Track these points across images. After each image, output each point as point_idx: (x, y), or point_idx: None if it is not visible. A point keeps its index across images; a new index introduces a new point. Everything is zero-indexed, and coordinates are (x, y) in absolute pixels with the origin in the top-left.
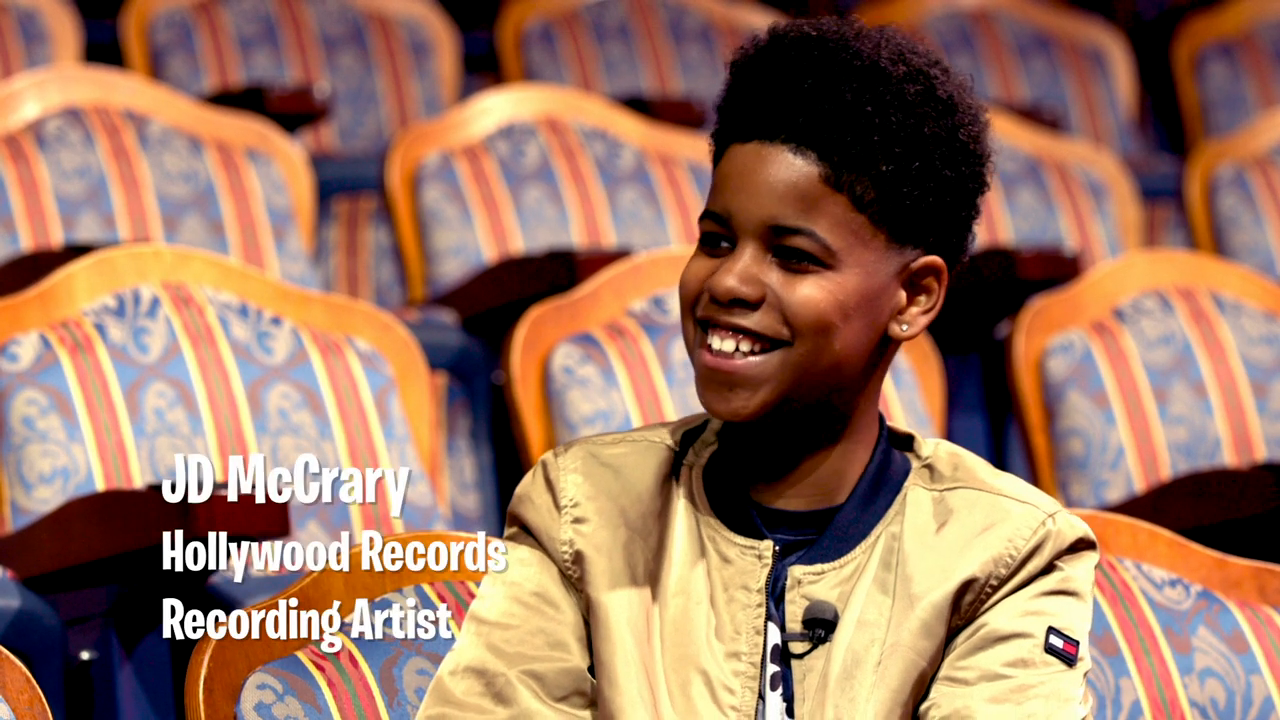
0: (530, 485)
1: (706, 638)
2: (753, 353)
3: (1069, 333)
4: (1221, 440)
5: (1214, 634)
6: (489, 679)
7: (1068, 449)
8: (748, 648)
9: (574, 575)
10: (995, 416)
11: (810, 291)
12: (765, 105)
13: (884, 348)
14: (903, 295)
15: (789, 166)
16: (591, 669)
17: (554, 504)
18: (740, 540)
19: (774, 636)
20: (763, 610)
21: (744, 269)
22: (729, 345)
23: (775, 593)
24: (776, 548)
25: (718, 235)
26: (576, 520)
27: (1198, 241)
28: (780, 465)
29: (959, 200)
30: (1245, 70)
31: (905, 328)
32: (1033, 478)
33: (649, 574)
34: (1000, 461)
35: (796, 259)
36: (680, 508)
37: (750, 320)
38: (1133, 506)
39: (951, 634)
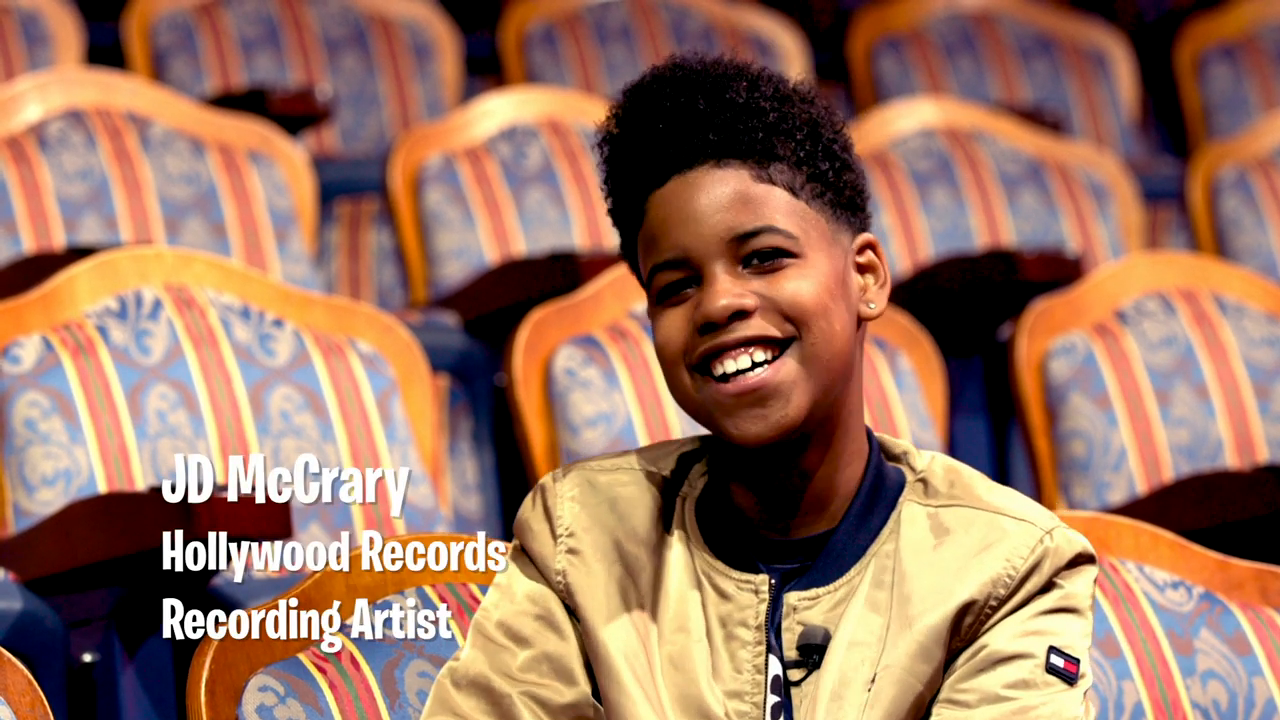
0: (530, 511)
1: (707, 678)
2: (768, 361)
3: (1071, 335)
4: (1224, 442)
5: (1216, 636)
6: (495, 698)
7: (1070, 451)
8: (750, 687)
9: (570, 606)
10: (997, 419)
11: (795, 283)
12: (671, 141)
13: (858, 334)
14: (857, 277)
15: (721, 181)
16: (595, 694)
17: (550, 532)
18: (737, 575)
19: (774, 668)
20: (763, 648)
21: (725, 285)
22: (744, 361)
23: (773, 623)
24: (773, 581)
25: (679, 283)
26: (571, 551)
27: (1200, 243)
28: (774, 493)
29: (857, 176)
30: (1247, 72)
31: (872, 306)
32: (1035, 480)
33: (645, 610)
34: (1003, 464)
35: (769, 258)
36: (675, 540)
37: (753, 327)
38: (1135, 508)
39: (951, 656)
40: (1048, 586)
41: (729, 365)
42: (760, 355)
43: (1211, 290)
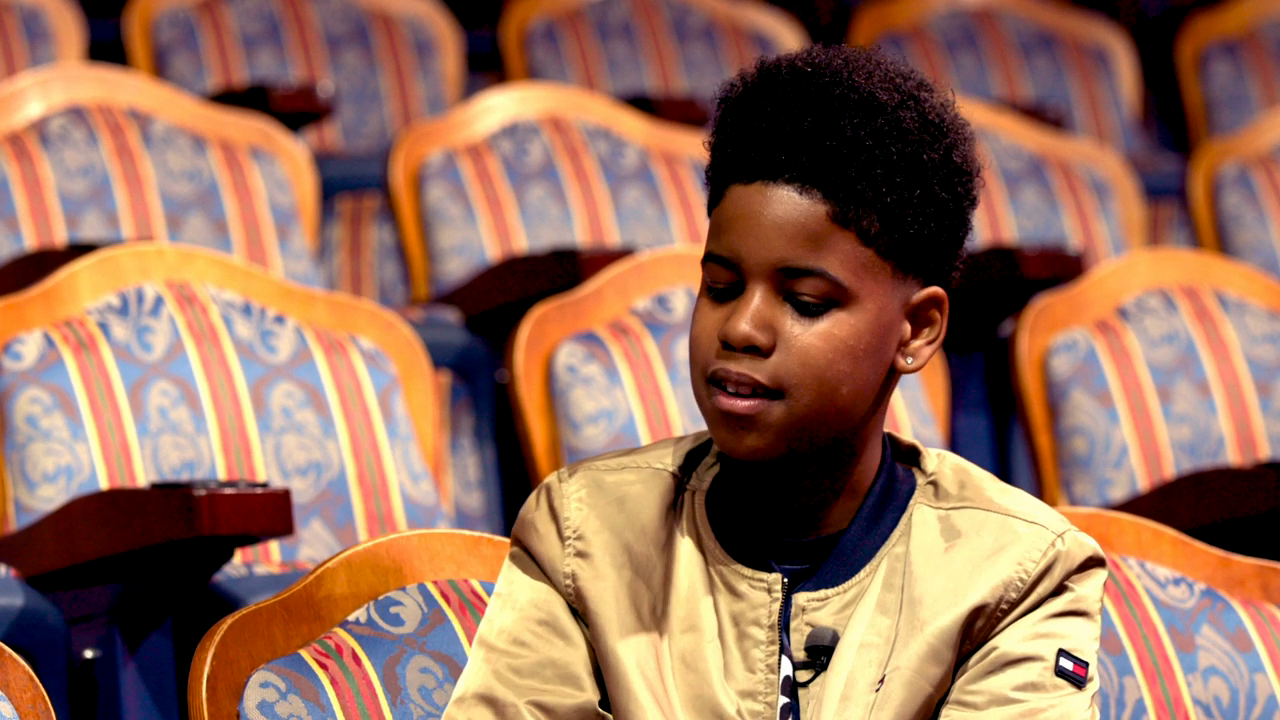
0: (534, 511)
1: (720, 678)
2: (764, 396)
3: (1072, 331)
4: (1225, 439)
5: (1218, 632)
6: (499, 708)
7: (1071, 448)
8: (764, 687)
9: (579, 610)
10: (999, 415)
11: (818, 340)
12: (766, 145)
13: (889, 380)
14: (907, 328)
15: (795, 206)
16: (603, 703)
17: (558, 534)
18: (748, 573)
19: (785, 668)
20: (776, 647)
21: (757, 312)
22: (743, 389)
23: (782, 623)
24: (785, 580)
25: (726, 280)
26: (580, 554)
27: (1201, 240)
28: (784, 495)
29: (956, 223)
30: (1249, 69)
31: (911, 360)
32: (1036, 477)
33: (655, 611)
34: (1004, 460)
35: (809, 300)
36: (685, 536)
37: (759, 369)
38: (1136, 505)
39: (960, 658)
40: (1059, 590)
41: (729, 388)
42: (759, 390)
43: (1213, 287)
